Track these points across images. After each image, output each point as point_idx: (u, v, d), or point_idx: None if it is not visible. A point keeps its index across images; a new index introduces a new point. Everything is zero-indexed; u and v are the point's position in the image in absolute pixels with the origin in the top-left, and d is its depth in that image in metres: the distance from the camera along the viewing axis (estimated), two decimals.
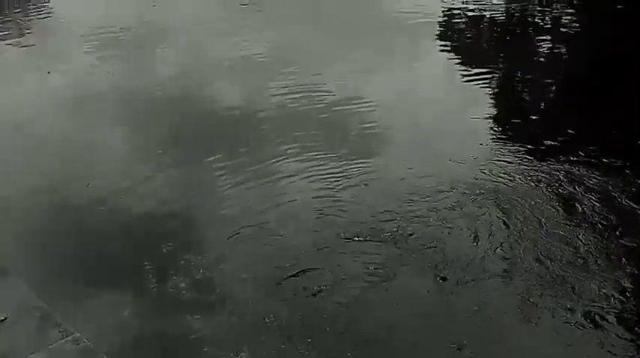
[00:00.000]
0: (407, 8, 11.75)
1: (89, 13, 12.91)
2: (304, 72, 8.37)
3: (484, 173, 5.56)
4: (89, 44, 10.06)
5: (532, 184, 5.38)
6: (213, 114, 7.29)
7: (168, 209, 5.26)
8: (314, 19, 11.91)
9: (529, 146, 6.09)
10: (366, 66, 8.55)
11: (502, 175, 5.52)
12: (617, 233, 4.66)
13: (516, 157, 5.85)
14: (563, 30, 10.37)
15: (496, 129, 6.68)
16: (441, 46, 9.58)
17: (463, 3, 12.10)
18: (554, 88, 8.06)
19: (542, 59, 9.12)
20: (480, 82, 7.87)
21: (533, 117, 7.07)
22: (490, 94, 7.76)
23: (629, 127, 6.44)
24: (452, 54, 9.21)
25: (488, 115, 6.99)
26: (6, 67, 9.60)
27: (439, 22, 10.95)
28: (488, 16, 11.37)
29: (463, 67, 8.52)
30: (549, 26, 10.60)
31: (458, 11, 11.56)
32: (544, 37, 10.08)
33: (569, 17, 11.25)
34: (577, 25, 10.83)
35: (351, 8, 12.87)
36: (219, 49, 9.72)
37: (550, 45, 9.68)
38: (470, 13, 11.49)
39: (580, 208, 4.94)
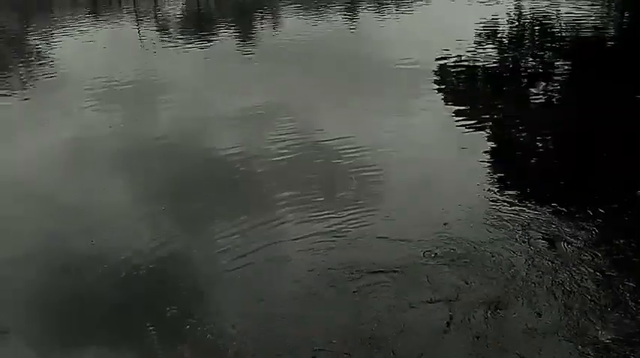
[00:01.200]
0: (402, 58, 12.07)
1: (91, 67, 13.21)
2: (302, 122, 8.51)
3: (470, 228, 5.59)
4: (90, 97, 10.23)
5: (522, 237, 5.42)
6: (213, 167, 7.38)
7: (172, 271, 5.27)
8: (311, 69, 12.20)
9: (523, 194, 6.16)
10: (363, 115, 8.71)
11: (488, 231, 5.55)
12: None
13: (512, 207, 5.90)
14: (556, 77, 10.58)
15: (490, 178, 6.76)
16: (437, 94, 9.76)
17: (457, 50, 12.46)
18: (548, 136, 8.18)
19: (535, 107, 9.27)
20: (474, 130, 7.99)
21: (528, 166, 7.15)
22: (484, 142, 7.86)
23: (627, 176, 6.51)
24: (447, 103, 9.38)
25: (482, 163, 7.07)
26: (7, 121, 9.73)
27: (434, 71, 11.18)
28: (481, 65, 11.62)
29: (457, 116, 8.65)
30: (542, 74, 10.83)
31: (452, 61, 11.85)
32: (538, 85, 10.27)
33: (560, 64, 11.53)
34: (569, 71, 11.08)
35: (349, 59, 13.20)
36: (219, 100, 9.90)
37: (543, 93, 9.87)
38: (464, 63, 11.77)
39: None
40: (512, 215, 5.74)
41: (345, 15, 23.11)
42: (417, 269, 5.02)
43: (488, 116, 8.69)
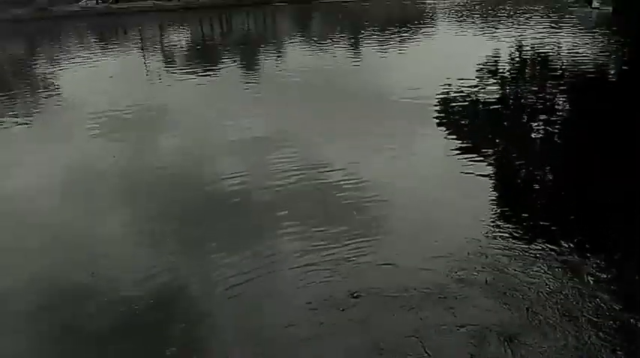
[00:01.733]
0: (404, 91, 12.23)
1: (96, 95, 13.39)
2: (304, 152, 8.57)
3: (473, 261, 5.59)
4: (94, 124, 10.33)
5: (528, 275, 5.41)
6: (214, 196, 7.40)
7: (171, 307, 5.24)
8: (313, 101, 12.34)
9: (530, 227, 6.16)
10: (365, 146, 8.77)
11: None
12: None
13: (512, 247, 5.90)
14: (558, 112, 10.68)
15: (494, 210, 6.76)
16: (439, 128, 9.83)
17: (458, 85, 12.63)
18: (550, 172, 8.21)
19: (537, 142, 9.33)
20: (476, 163, 8.02)
21: (532, 199, 7.17)
22: (485, 178, 7.88)
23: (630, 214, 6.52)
24: (449, 136, 9.44)
25: (482, 200, 7.08)
26: (9, 147, 9.81)
27: (436, 104, 11.30)
28: (482, 99, 11.74)
29: (459, 150, 8.70)
30: (543, 108, 10.92)
31: (454, 95, 11.99)
32: (539, 119, 10.34)
33: (562, 98, 11.66)
34: (570, 105, 11.19)
35: (351, 92, 13.37)
36: (221, 129, 10.00)
37: (544, 127, 9.94)
38: (466, 97, 11.90)
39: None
40: (520, 246, 5.74)
41: (348, 48, 23.46)
42: (425, 297, 5.00)
43: (489, 149, 8.74)
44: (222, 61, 21.67)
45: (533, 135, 9.58)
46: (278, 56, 22.09)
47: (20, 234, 6.64)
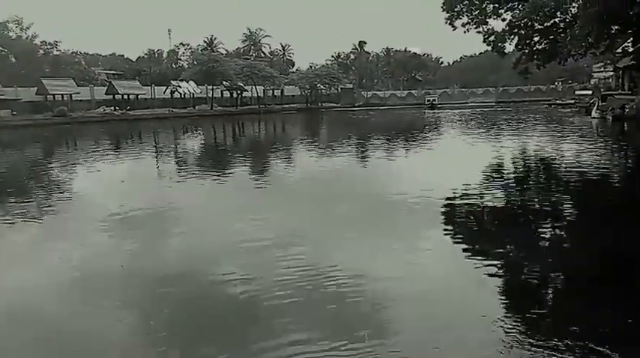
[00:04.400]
0: (410, 191, 12.39)
1: (108, 197, 13.63)
2: (311, 255, 8.52)
3: None
4: (104, 226, 10.41)
5: None
6: (221, 302, 7.24)
7: None
8: (321, 203, 12.49)
9: (546, 334, 5.96)
10: (371, 249, 8.72)
11: None
12: None
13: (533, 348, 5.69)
14: (564, 218, 10.70)
15: (506, 317, 6.58)
16: (446, 231, 9.82)
17: (464, 188, 12.80)
18: (558, 278, 8.09)
19: (544, 247, 9.27)
20: (483, 266, 7.92)
21: (545, 305, 6.99)
22: (493, 282, 7.75)
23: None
24: (456, 240, 9.40)
25: (492, 305, 6.92)
26: (15, 246, 9.84)
27: (442, 206, 11.38)
28: (490, 204, 11.83)
29: (466, 253, 8.63)
30: (550, 213, 10.95)
31: (460, 197, 12.12)
32: (544, 225, 10.34)
33: (569, 206, 11.73)
34: (576, 213, 11.23)
35: (359, 195, 13.58)
36: (230, 231, 10.02)
37: (551, 232, 9.91)
38: (472, 199, 12.02)
39: None
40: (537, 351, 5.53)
41: (356, 153, 24.06)
42: None
43: (497, 253, 8.67)
44: (234, 162, 22.22)
45: (539, 239, 9.53)
46: (287, 159, 22.64)
47: (17, 337, 6.47)
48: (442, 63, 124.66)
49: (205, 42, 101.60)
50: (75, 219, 11.57)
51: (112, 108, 58.41)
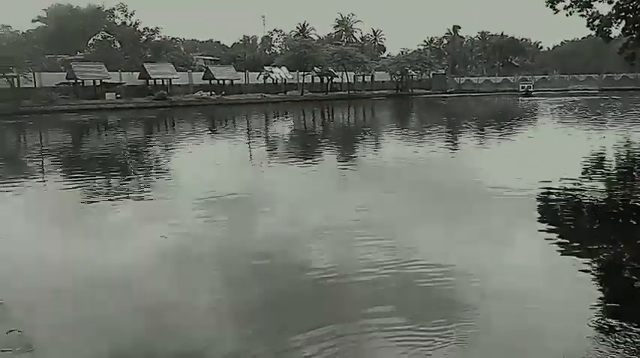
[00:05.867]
0: (502, 183, 12.01)
1: (203, 180, 14.28)
2: (398, 244, 8.50)
3: None
4: (198, 207, 10.90)
5: None
6: (303, 285, 7.35)
7: None
8: (409, 191, 12.40)
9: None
10: (462, 242, 8.57)
11: None
12: None
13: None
14: None
15: (599, 321, 6.29)
16: (539, 224, 9.47)
17: (562, 183, 12.22)
18: None
19: None
20: (579, 265, 7.59)
21: None
22: (590, 281, 7.40)
23: None
24: (550, 234, 9.04)
25: (590, 304, 6.62)
26: (117, 222, 10.50)
27: (537, 198, 10.96)
28: (588, 198, 11.25)
29: (561, 248, 8.29)
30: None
31: (557, 191, 11.58)
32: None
33: None
34: None
35: (446, 181, 13.34)
36: (316, 216, 10.21)
37: None
38: (568, 193, 11.47)
39: None
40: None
41: (446, 140, 23.56)
42: None
43: (595, 251, 8.25)
44: (323, 148, 22.45)
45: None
46: (376, 145, 22.58)
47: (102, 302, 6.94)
48: (541, 48, 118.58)
49: (298, 28, 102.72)
50: (173, 197, 12.22)
51: (209, 92, 60.58)
